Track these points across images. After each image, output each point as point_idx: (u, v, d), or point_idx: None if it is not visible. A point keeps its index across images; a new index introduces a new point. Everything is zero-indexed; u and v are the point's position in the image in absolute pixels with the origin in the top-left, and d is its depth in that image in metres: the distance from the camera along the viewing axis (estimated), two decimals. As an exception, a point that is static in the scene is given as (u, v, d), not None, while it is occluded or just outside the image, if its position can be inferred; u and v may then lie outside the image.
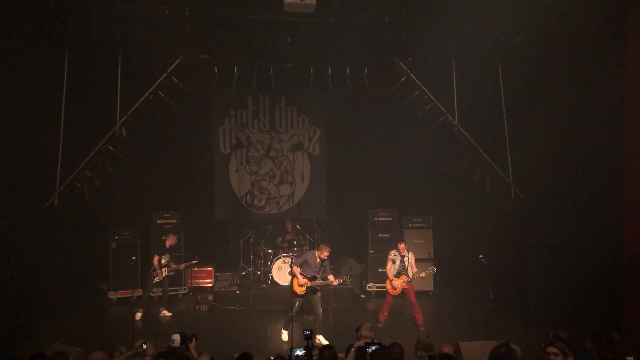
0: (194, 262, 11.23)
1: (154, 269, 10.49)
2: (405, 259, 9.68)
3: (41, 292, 10.09)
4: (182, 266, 11.15)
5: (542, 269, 9.75)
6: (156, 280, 10.53)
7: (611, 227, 8.26)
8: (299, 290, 9.00)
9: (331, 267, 9.64)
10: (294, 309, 8.79)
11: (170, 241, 10.81)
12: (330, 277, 9.05)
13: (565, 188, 9.51)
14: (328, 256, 9.02)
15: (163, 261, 10.58)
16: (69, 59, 9.92)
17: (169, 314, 10.57)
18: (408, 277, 9.58)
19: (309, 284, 8.98)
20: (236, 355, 5.43)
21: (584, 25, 8.57)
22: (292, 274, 9.19)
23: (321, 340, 8.77)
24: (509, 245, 10.82)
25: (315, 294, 9.05)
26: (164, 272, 10.56)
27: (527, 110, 10.25)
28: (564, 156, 9.47)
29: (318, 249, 9.09)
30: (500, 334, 7.96)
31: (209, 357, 5.52)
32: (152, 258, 10.60)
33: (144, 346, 6.10)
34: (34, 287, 9.90)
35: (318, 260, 9.01)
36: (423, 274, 9.65)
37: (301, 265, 9.10)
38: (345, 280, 10.97)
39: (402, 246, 9.75)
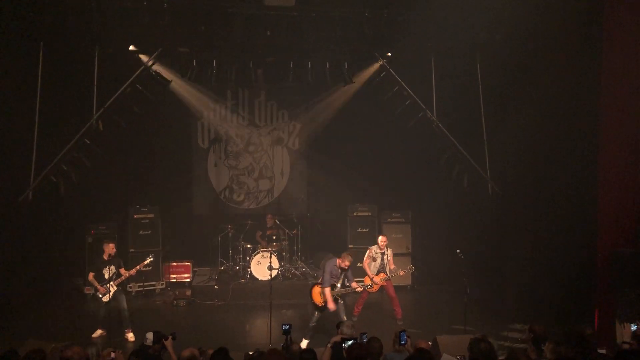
0: (146, 262, 9.33)
1: (96, 289, 8.91)
2: (385, 256, 9.63)
3: (16, 287, 9.92)
4: (133, 271, 9.16)
5: (518, 263, 9.88)
6: (106, 299, 8.83)
7: (586, 223, 8.39)
8: (319, 301, 8.53)
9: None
10: (313, 320, 8.50)
11: (108, 250, 9.01)
12: (354, 284, 8.65)
13: (541, 184, 9.63)
14: (349, 266, 8.44)
15: (106, 275, 8.86)
16: (44, 50, 9.69)
17: (133, 338, 8.83)
18: (387, 274, 9.58)
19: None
20: (211, 351, 5.36)
21: (562, 23, 8.67)
22: (316, 289, 8.67)
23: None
24: (486, 240, 10.95)
25: (337, 302, 8.47)
26: (112, 287, 8.86)
27: (505, 106, 10.35)
28: (540, 152, 9.59)
29: (339, 258, 8.49)
30: (477, 328, 8.06)
31: (191, 352, 5.40)
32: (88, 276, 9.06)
33: (112, 354, 5.56)
34: (8, 282, 9.73)
35: (339, 269, 8.51)
36: (401, 272, 9.64)
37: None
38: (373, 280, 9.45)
39: (383, 239, 9.60)
